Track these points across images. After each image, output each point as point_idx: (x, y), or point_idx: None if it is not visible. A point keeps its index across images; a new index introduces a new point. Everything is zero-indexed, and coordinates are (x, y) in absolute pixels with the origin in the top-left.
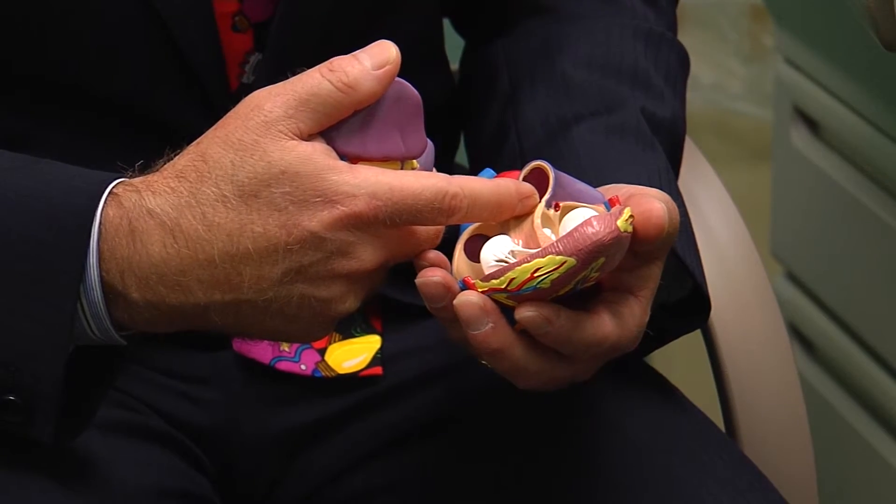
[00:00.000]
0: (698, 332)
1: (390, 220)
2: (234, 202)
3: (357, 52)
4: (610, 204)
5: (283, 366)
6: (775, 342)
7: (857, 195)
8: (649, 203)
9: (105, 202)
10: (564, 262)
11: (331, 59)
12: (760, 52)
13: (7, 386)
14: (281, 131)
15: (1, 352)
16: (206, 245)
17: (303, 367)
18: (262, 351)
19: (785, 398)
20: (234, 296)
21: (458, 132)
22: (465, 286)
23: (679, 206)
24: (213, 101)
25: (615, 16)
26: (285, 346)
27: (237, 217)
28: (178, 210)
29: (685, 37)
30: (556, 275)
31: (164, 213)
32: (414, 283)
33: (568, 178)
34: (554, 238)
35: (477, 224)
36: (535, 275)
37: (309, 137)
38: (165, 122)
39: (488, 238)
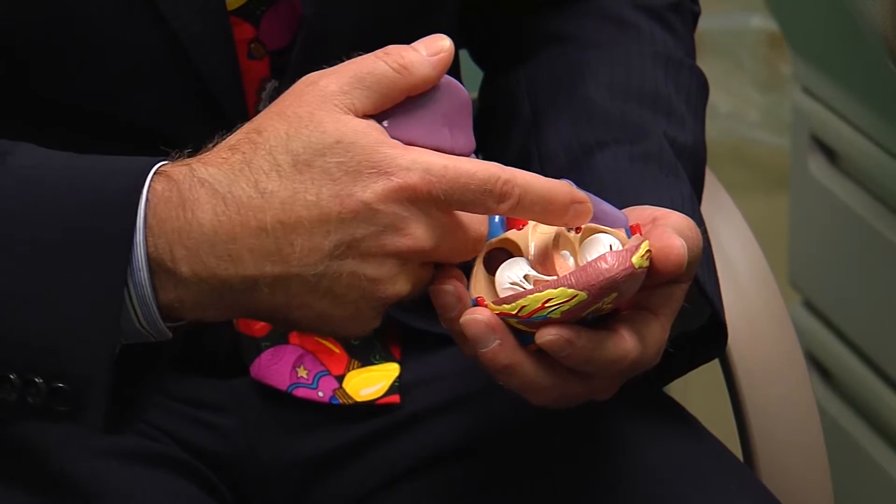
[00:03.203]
0: (716, 360)
1: (444, 197)
2: (287, 171)
3: (412, 43)
4: (631, 231)
5: (301, 392)
6: (793, 370)
7: (874, 224)
8: (670, 239)
9: (152, 179)
10: (576, 296)
11: (385, 47)
12: (778, 80)
13: (56, 373)
14: (336, 105)
15: (49, 338)
16: (258, 212)
17: (320, 394)
18: (279, 378)
19: (802, 426)
20: (284, 268)
21: None
22: (477, 305)
23: (702, 233)
24: (233, 127)
25: (634, 42)
26: (303, 373)
27: (290, 185)
28: (231, 178)
29: (702, 65)
30: (566, 307)
31: (216, 181)
32: (433, 311)
33: (593, 199)
34: (571, 262)
35: (499, 237)
36: (546, 305)
37: (363, 117)
38: (188, 147)
39: (508, 252)
